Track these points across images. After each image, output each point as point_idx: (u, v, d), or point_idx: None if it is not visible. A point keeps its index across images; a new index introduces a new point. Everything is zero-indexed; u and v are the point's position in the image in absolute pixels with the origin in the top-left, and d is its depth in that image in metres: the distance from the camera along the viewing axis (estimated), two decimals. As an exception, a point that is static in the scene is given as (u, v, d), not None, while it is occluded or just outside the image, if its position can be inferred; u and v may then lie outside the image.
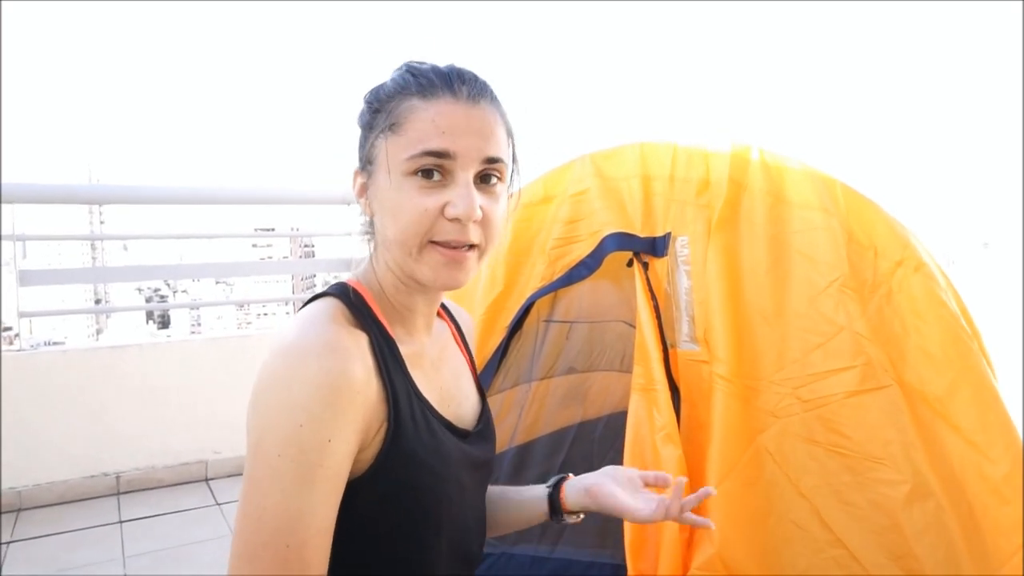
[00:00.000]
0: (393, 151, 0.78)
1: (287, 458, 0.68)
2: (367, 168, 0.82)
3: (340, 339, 0.73)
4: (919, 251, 1.36)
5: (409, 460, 0.78)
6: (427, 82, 0.79)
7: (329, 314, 0.78)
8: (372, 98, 0.83)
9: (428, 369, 0.89)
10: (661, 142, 1.58)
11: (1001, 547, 1.19)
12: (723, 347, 1.39)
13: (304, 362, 0.70)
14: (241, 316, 77.15)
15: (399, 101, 0.79)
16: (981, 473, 1.22)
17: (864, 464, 1.29)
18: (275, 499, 0.68)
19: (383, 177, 0.79)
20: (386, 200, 0.79)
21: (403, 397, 0.80)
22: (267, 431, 0.69)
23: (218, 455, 3.24)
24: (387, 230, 0.80)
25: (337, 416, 0.70)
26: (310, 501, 0.68)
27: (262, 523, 0.67)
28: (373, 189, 0.81)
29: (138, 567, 2.41)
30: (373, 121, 0.81)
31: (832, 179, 1.42)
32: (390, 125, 0.78)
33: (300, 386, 0.69)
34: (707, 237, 1.46)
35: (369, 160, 0.82)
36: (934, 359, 1.29)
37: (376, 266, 0.86)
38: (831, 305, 1.35)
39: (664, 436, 1.38)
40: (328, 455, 0.69)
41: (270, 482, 0.68)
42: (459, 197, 0.76)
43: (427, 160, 0.76)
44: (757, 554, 1.32)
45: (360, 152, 0.84)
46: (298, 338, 0.73)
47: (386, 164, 0.78)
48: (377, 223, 0.83)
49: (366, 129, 0.83)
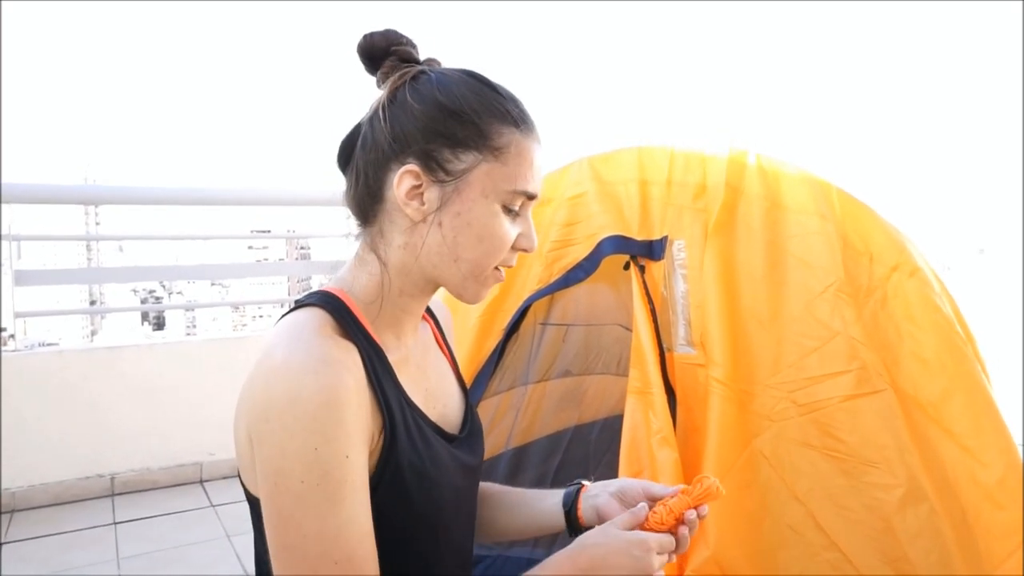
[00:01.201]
0: (495, 177, 0.79)
1: (311, 484, 0.68)
2: (445, 180, 0.79)
3: (331, 353, 0.72)
4: (914, 256, 1.36)
5: (405, 469, 0.78)
6: (522, 117, 0.82)
7: (315, 327, 0.75)
8: (455, 106, 0.79)
9: (414, 372, 0.89)
10: (658, 146, 1.58)
11: (994, 551, 1.20)
12: (719, 351, 1.40)
13: (301, 382, 0.69)
14: (237, 318, 77.00)
15: (499, 126, 0.79)
16: (974, 478, 1.23)
17: (859, 468, 1.29)
18: (311, 524, 0.68)
19: (477, 199, 0.79)
20: (475, 223, 0.80)
21: (396, 406, 0.79)
22: (283, 460, 0.69)
23: (213, 457, 3.23)
24: (464, 250, 0.80)
25: (348, 431, 0.70)
26: (345, 515, 0.69)
27: (306, 549, 0.69)
28: (454, 205, 0.79)
29: (133, 568, 2.41)
30: (462, 135, 0.78)
31: (828, 184, 1.43)
32: (493, 150, 0.79)
33: (304, 408, 0.69)
34: (704, 241, 1.46)
35: (451, 173, 0.79)
36: (928, 364, 1.30)
37: (368, 270, 0.84)
38: (827, 310, 1.36)
39: (660, 439, 1.38)
40: (349, 470, 0.70)
41: (302, 510, 0.69)
42: (532, 233, 0.85)
43: (523, 199, 0.82)
44: (752, 557, 1.32)
45: (432, 158, 0.79)
46: (289, 356, 0.72)
47: (483, 188, 0.79)
48: (443, 236, 0.80)
49: (449, 139, 0.79)
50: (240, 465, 0.80)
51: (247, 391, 0.74)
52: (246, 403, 0.74)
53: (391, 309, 0.85)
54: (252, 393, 0.73)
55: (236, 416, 0.77)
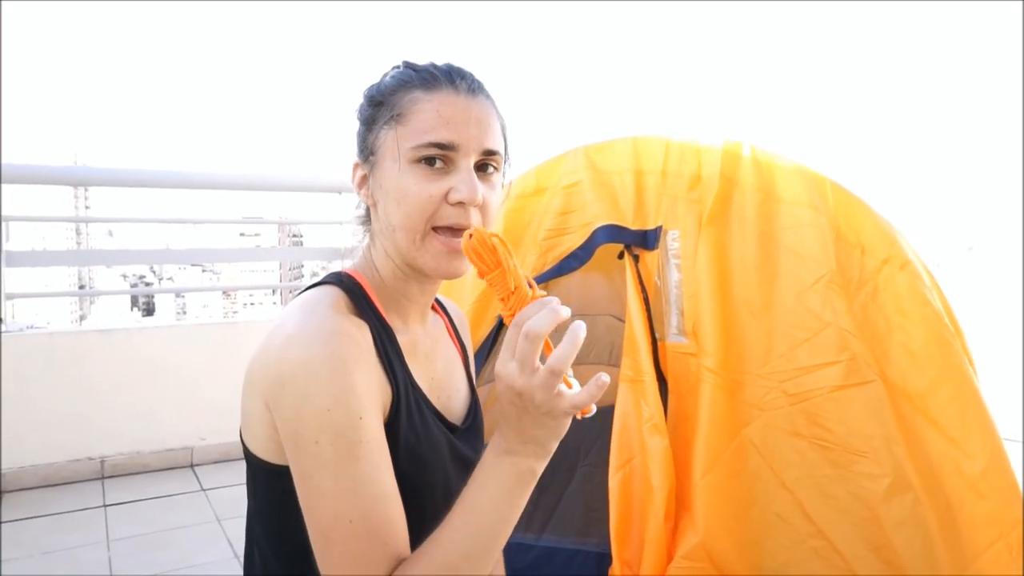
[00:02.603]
0: (399, 141, 0.80)
1: (325, 443, 0.70)
2: (369, 159, 0.84)
3: (342, 325, 0.75)
4: (905, 249, 1.38)
5: (400, 447, 0.80)
6: (429, 76, 0.82)
7: (329, 302, 0.79)
8: (374, 92, 0.85)
9: (421, 359, 0.90)
10: (654, 137, 1.59)
11: (976, 540, 1.22)
12: (711, 340, 1.41)
13: (313, 350, 0.72)
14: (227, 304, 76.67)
15: (402, 94, 0.82)
16: (959, 468, 1.25)
17: (846, 457, 1.31)
18: (327, 484, 0.70)
19: (388, 166, 0.81)
20: (391, 188, 0.81)
21: (401, 385, 0.82)
22: (298, 423, 0.71)
23: (204, 441, 3.23)
24: (391, 217, 0.81)
25: (359, 394, 0.72)
26: (361, 475, 0.71)
27: (323, 508, 0.71)
28: (376, 179, 0.83)
29: (122, 551, 2.41)
30: (375, 114, 0.84)
31: (822, 177, 1.44)
32: (395, 116, 0.81)
33: (317, 372, 0.71)
34: (698, 232, 1.47)
35: (371, 151, 0.84)
36: (917, 356, 1.31)
37: (374, 255, 0.88)
38: (818, 301, 1.37)
39: (651, 427, 1.39)
40: (363, 430, 0.72)
41: (318, 470, 0.71)
42: (462, 182, 0.79)
43: (432, 150, 0.79)
44: (740, 544, 1.34)
45: (360, 144, 0.86)
46: (302, 327, 0.75)
47: (392, 153, 0.81)
48: (380, 212, 0.84)
49: (367, 123, 0.85)
50: (243, 424, 0.83)
51: (260, 359, 0.76)
52: (259, 371, 0.76)
53: (392, 292, 0.87)
54: (266, 361, 0.75)
55: (247, 379, 0.79)
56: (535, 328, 0.64)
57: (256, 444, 0.81)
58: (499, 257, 0.69)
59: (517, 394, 0.66)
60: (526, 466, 0.70)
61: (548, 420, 0.67)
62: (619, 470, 1.42)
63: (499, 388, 0.68)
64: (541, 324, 0.64)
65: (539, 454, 0.70)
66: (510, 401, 0.67)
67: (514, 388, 0.66)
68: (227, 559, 2.36)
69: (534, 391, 0.65)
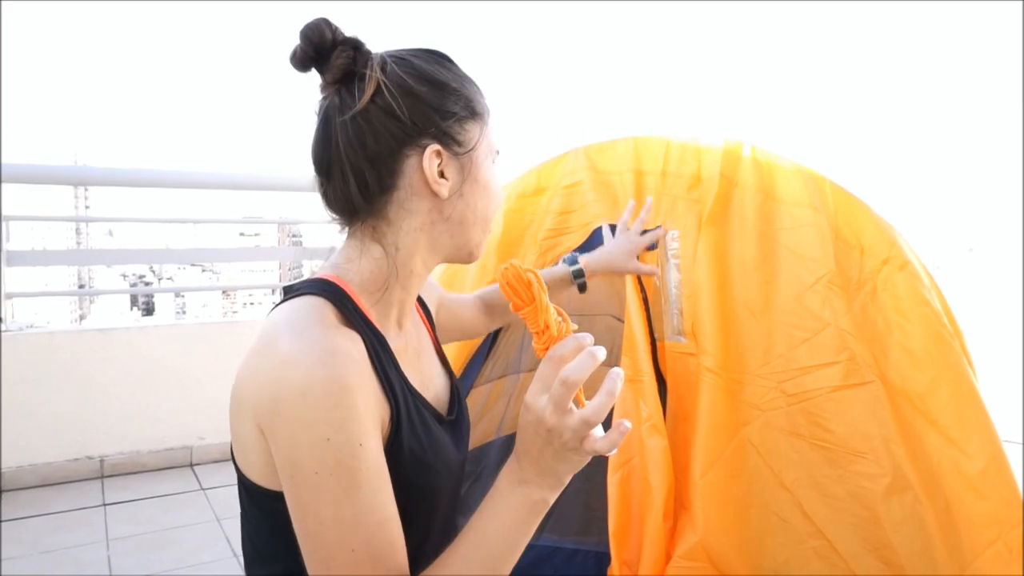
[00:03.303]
0: (488, 139, 0.87)
1: (326, 473, 0.69)
2: (458, 152, 0.84)
3: (338, 343, 0.73)
4: (905, 250, 1.38)
5: (406, 455, 0.79)
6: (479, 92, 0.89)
7: (319, 317, 0.75)
8: (446, 84, 0.83)
9: (412, 356, 0.90)
10: (654, 137, 1.59)
11: (975, 541, 1.22)
12: (710, 340, 1.41)
13: (311, 373, 0.69)
14: (227, 304, 76.61)
15: (476, 94, 0.86)
16: (958, 468, 1.24)
17: (845, 457, 1.31)
18: (327, 512, 0.69)
19: (482, 161, 0.87)
20: (486, 182, 0.87)
21: (400, 393, 0.80)
22: (295, 452, 0.70)
23: (203, 441, 3.23)
24: (479, 210, 0.87)
25: (360, 418, 0.71)
26: (362, 503, 0.70)
27: (324, 537, 0.69)
28: (467, 170, 0.85)
29: (121, 550, 2.41)
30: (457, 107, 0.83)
31: (822, 177, 1.44)
32: (482, 115, 0.87)
33: (315, 399, 0.69)
34: (697, 232, 1.47)
35: (461, 144, 0.84)
36: (916, 356, 1.31)
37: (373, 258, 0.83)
38: (817, 301, 1.37)
39: (650, 427, 1.39)
40: (363, 458, 0.70)
41: (317, 499, 0.69)
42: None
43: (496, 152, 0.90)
44: (739, 544, 1.34)
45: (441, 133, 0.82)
46: (296, 348, 0.71)
47: (484, 150, 0.87)
48: (460, 203, 0.85)
49: (453, 114, 0.82)
50: (235, 447, 0.80)
51: (252, 380, 0.73)
52: (252, 393, 0.73)
53: (396, 295, 0.85)
54: (259, 384, 0.72)
55: (236, 401, 0.76)
56: (573, 376, 0.66)
57: (252, 471, 0.78)
58: (533, 292, 0.70)
59: (547, 430, 0.67)
60: (539, 496, 0.71)
61: (572, 456, 0.69)
62: (618, 470, 1.42)
63: (526, 418, 0.69)
64: (579, 371, 0.66)
65: (554, 486, 0.72)
66: (536, 433, 0.68)
67: (544, 424, 0.67)
68: (226, 558, 2.36)
69: (563, 431, 0.67)
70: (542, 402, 0.67)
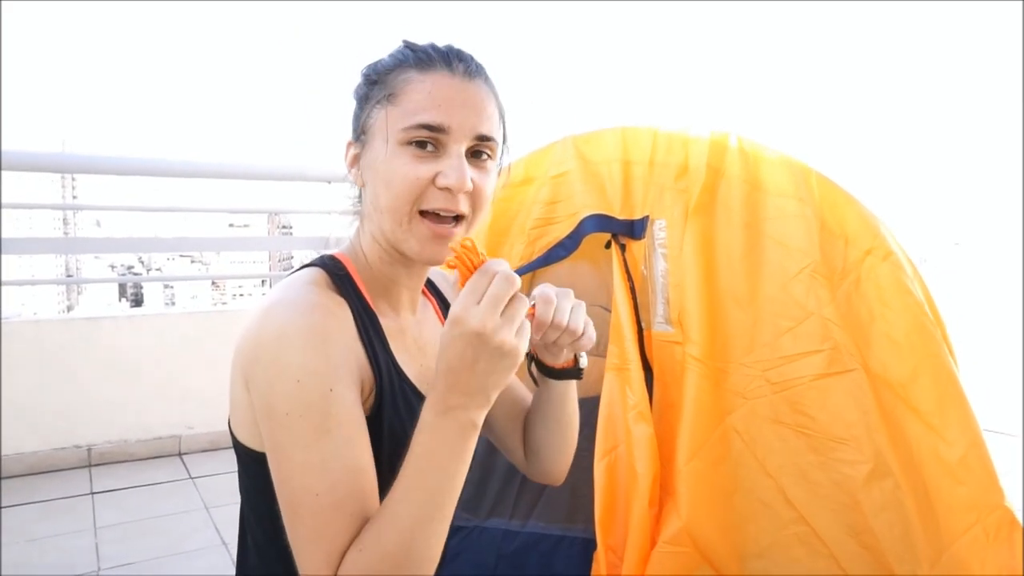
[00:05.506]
0: (390, 121, 0.79)
1: (295, 415, 0.70)
2: (361, 138, 0.83)
3: (320, 300, 0.76)
4: (888, 240, 1.40)
5: (385, 432, 0.80)
6: (425, 56, 0.81)
7: (310, 279, 0.80)
8: (370, 71, 0.84)
9: (411, 347, 0.90)
10: (642, 127, 1.60)
11: (953, 525, 1.24)
12: (696, 329, 1.43)
13: (287, 319, 0.72)
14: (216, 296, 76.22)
15: (397, 73, 0.81)
16: (938, 455, 1.26)
17: (828, 445, 1.33)
18: (296, 455, 0.70)
19: (379, 146, 0.80)
20: (380, 168, 0.80)
21: (384, 370, 0.81)
22: (270, 395, 0.71)
23: (191, 430, 3.23)
24: (379, 198, 0.80)
25: (332, 366, 0.72)
26: (330, 448, 0.70)
27: (291, 481, 0.70)
28: (367, 159, 0.83)
29: (109, 538, 2.41)
30: (369, 93, 0.83)
31: (807, 168, 1.45)
32: (387, 96, 0.80)
33: (290, 343, 0.71)
34: (684, 221, 1.48)
35: (363, 131, 0.83)
36: (898, 345, 1.33)
37: (362, 239, 0.87)
38: (802, 291, 1.39)
39: (636, 414, 1.41)
40: (333, 403, 0.71)
41: (287, 441, 0.71)
42: (451, 168, 0.78)
43: (422, 132, 0.77)
44: (723, 529, 1.36)
45: (354, 123, 0.85)
46: (280, 299, 0.75)
47: (382, 133, 0.79)
48: (368, 193, 0.84)
49: (362, 101, 0.84)
50: (231, 414, 0.82)
51: (242, 337, 0.76)
52: (239, 350, 0.76)
53: (378, 276, 0.87)
54: (245, 336, 0.75)
55: (232, 367, 0.79)
56: (514, 274, 0.67)
57: (242, 432, 0.81)
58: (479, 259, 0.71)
59: (476, 334, 0.65)
60: (467, 419, 0.69)
61: (504, 361, 0.67)
62: (604, 457, 1.43)
63: (452, 333, 0.67)
64: (516, 275, 0.68)
65: (483, 404, 0.70)
66: (467, 344, 0.66)
67: (475, 329, 0.65)
68: (215, 546, 2.37)
69: (498, 329, 0.65)
70: (473, 310, 0.66)
